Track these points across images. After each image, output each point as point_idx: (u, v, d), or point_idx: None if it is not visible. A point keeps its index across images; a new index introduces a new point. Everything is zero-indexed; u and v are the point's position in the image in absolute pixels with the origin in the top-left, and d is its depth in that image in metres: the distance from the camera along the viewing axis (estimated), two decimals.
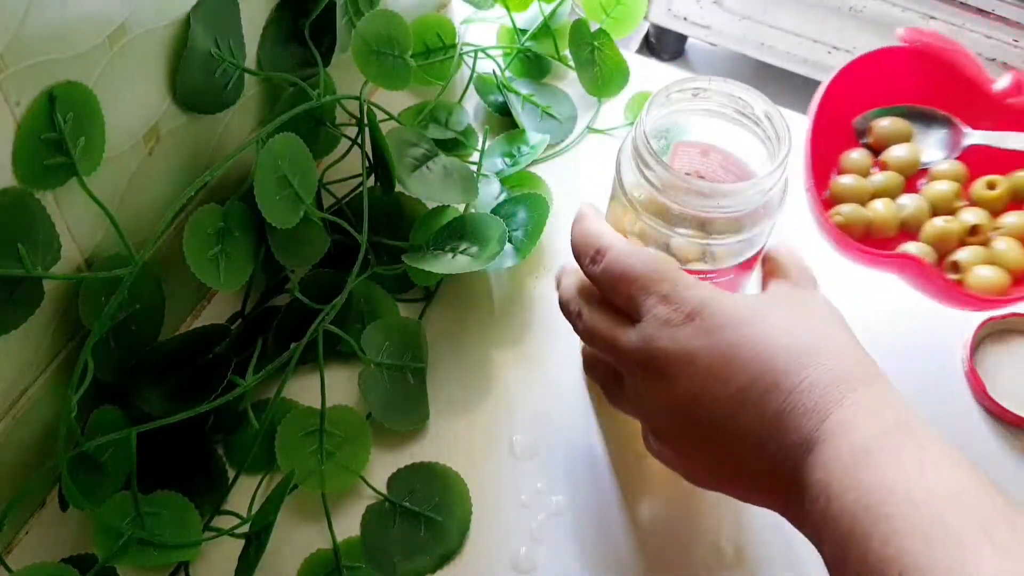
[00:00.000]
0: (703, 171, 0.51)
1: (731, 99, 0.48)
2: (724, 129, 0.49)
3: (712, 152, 0.50)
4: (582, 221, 0.50)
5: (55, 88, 0.45)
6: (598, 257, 0.48)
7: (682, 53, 1.79)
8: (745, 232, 0.47)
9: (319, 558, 0.54)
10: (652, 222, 0.48)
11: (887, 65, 0.61)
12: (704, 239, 0.47)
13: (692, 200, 0.46)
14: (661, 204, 0.47)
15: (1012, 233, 0.57)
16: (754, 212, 0.47)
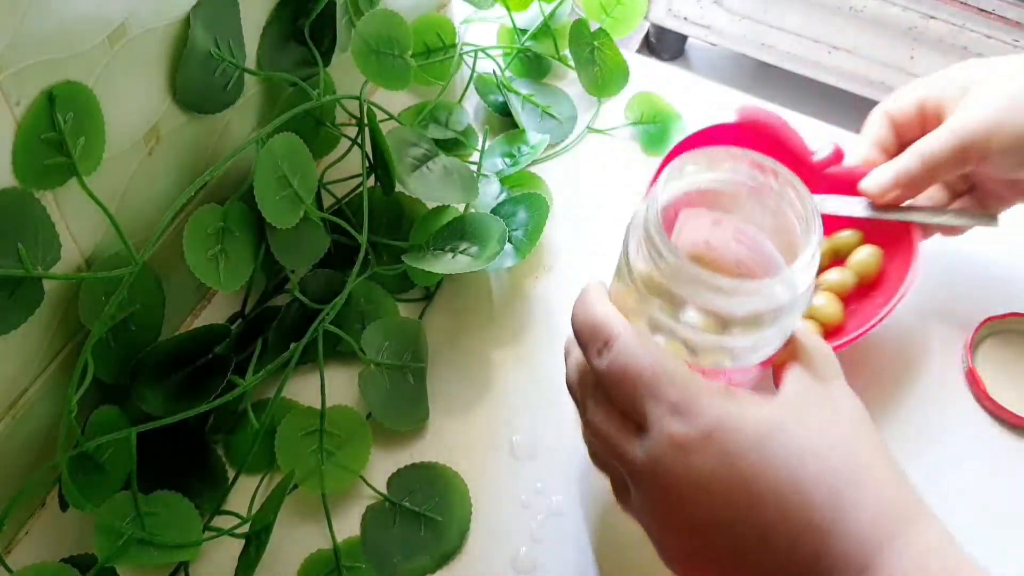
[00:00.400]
0: (713, 241, 0.46)
1: (751, 171, 0.44)
2: (739, 200, 0.45)
3: (724, 221, 0.46)
4: (586, 301, 0.45)
5: (55, 88, 0.45)
6: (603, 349, 0.42)
7: (682, 53, 1.79)
8: (768, 328, 0.42)
9: (319, 558, 0.54)
10: (661, 313, 0.42)
11: (723, 139, 0.65)
12: (721, 334, 0.42)
13: (710, 296, 0.41)
14: (672, 294, 0.42)
15: (831, 289, 0.61)
16: (781, 307, 0.41)
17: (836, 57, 1.48)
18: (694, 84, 0.79)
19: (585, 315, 0.44)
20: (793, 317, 0.42)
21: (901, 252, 0.60)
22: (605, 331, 0.42)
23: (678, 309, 0.42)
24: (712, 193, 0.45)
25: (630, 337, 0.42)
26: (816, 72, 1.51)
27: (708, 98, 0.78)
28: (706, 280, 0.40)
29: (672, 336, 0.43)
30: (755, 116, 0.64)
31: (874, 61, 1.45)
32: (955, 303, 0.65)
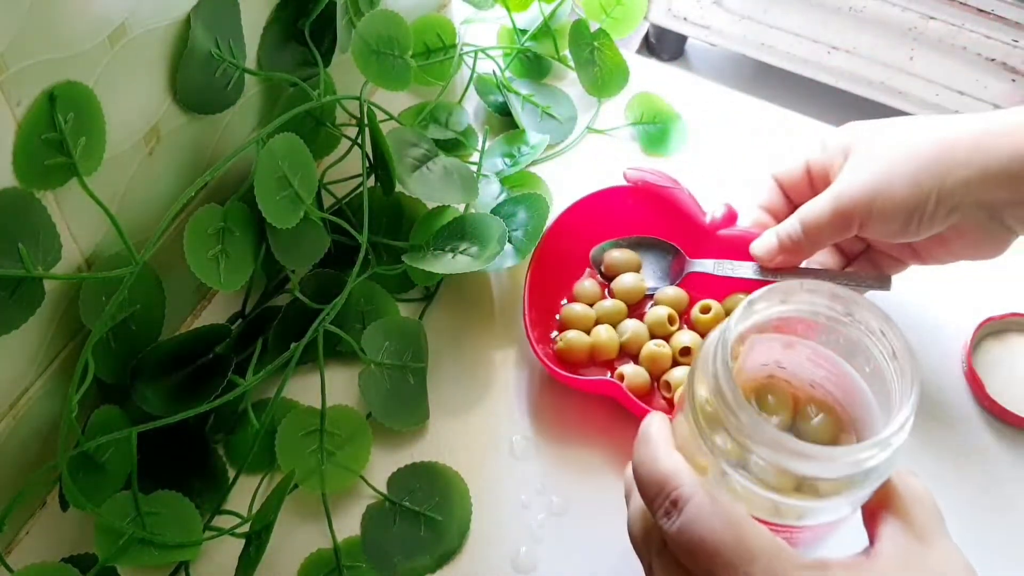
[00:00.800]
0: (785, 362, 0.44)
1: (832, 304, 0.41)
2: (814, 328, 0.42)
3: (798, 345, 0.43)
4: (648, 448, 0.41)
5: (55, 88, 0.45)
6: (671, 510, 0.38)
7: (682, 53, 1.79)
8: (858, 490, 0.38)
9: (319, 558, 0.54)
10: (734, 468, 0.38)
11: (616, 201, 0.66)
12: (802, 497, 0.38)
13: (790, 461, 0.37)
14: (743, 453, 0.38)
15: None
16: (872, 469, 0.37)
17: (836, 57, 1.48)
18: (694, 84, 0.79)
19: (648, 466, 0.40)
20: (887, 473, 0.39)
21: None
22: (672, 489, 0.39)
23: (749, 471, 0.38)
24: (783, 321, 0.42)
25: (703, 500, 0.38)
26: (816, 72, 1.51)
27: (708, 98, 0.78)
28: (788, 445, 0.36)
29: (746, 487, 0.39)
30: (645, 179, 0.65)
31: (874, 61, 1.45)
32: (955, 303, 0.65)
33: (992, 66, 1.38)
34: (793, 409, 0.44)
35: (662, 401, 0.60)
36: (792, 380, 0.44)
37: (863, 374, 0.41)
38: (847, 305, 0.40)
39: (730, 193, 0.67)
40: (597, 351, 0.61)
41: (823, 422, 0.43)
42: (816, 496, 0.38)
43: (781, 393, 0.44)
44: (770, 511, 0.39)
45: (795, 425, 0.43)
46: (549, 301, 0.64)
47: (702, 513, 0.37)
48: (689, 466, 0.40)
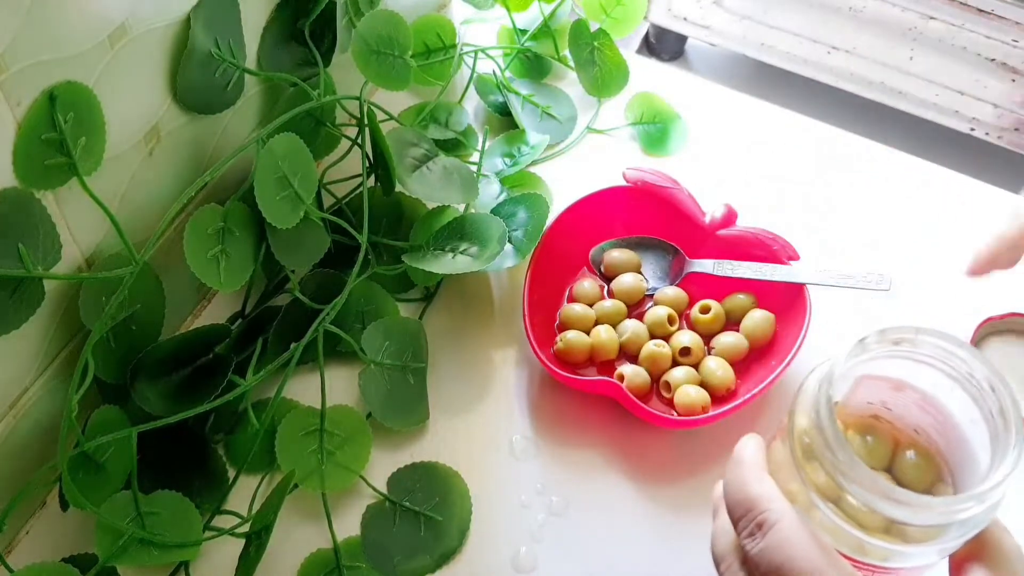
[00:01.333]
0: (891, 404, 0.43)
1: (944, 354, 0.40)
2: (927, 374, 0.41)
3: (907, 389, 0.42)
4: (740, 470, 0.41)
5: (55, 88, 0.45)
6: (756, 531, 0.39)
7: (682, 53, 1.79)
8: (945, 541, 0.38)
9: (319, 557, 0.54)
10: (826, 505, 0.39)
11: (616, 201, 0.66)
12: (893, 540, 0.38)
13: (884, 505, 0.37)
14: (836, 489, 0.38)
15: (722, 353, 0.61)
16: (967, 520, 0.37)
17: (836, 57, 1.48)
18: (694, 84, 0.79)
19: (740, 487, 0.40)
20: (980, 526, 0.38)
21: (794, 316, 0.60)
22: (761, 512, 0.39)
23: (845, 512, 0.38)
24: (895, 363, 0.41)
25: (790, 525, 0.38)
26: (816, 72, 1.51)
27: (708, 98, 0.78)
28: (883, 489, 0.36)
29: (834, 522, 0.39)
30: (645, 179, 0.65)
31: (874, 61, 1.45)
32: (955, 303, 0.65)
33: (992, 66, 1.38)
34: (893, 451, 0.44)
35: (661, 402, 0.60)
36: (896, 422, 0.44)
37: (968, 424, 0.41)
38: (960, 355, 0.40)
39: (730, 193, 0.67)
40: (597, 351, 0.61)
41: (922, 468, 0.43)
42: (904, 540, 0.38)
43: (883, 434, 0.44)
44: (856, 548, 0.39)
45: (893, 467, 0.43)
46: (549, 301, 0.64)
47: (788, 538, 0.38)
48: (780, 492, 0.40)
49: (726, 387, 0.59)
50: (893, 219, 0.70)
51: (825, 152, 0.74)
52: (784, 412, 0.61)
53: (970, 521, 0.37)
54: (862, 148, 0.75)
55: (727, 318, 0.63)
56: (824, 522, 0.39)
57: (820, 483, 0.39)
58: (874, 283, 0.59)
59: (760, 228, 0.63)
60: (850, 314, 0.64)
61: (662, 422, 0.58)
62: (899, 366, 0.41)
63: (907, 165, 0.74)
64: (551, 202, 0.65)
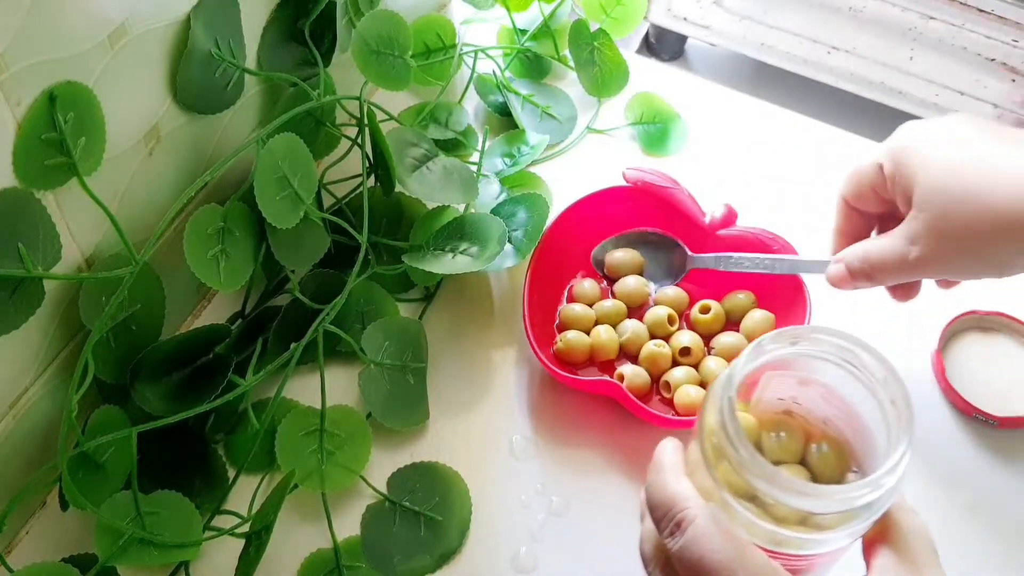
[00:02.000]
0: (800, 399, 0.45)
1: (839, 349, 0.42)
2: (826, 369, 0.43)
3: (812, 383, 0.44)
4: (659, 473, 0.43)
5: (55, 88, 0.45)
6: (676, 530, 0.40)
7: (682, 53, 1.79)
8: (853, 525, 0.40)
9: (319, 558, 0.54)
10: (738, 501, 0.40)
11: (616, 201, 0.66)
12: (800, 529, 0.40)
13: (787, 497, 0.39)
14: (745, 485, 0.40)
15: (722, 353, 0.61)
16: (867, 505, 0.39)
17: (836, 57, 1.48)
18: (694, 84, 0.79)
19: (658, 489, 0.42)
20: (882, 509, 0.40)
21: (793, 316, 0.61)
22: (678, 511, 0.41)
23: (754, 504, 0.40)
24: (795, 361, 0.44)
25: (705, 522, 0.40)
26: (816, 72, 1.51)
27: (708, 98, 0.78)
28: (784, 482, 0.38)
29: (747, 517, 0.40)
30: (645, 179, 0.65)
31: (874, 61, 1.45)
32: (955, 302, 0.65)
33: (992, 66, 1.38)
34: (806, 444, 0.45)
35: (661, 402, 0.60)
36: (807, 416, 0.45)
37: (868, 414, 0.43)
38: (853, 350, 0.42)
39: (730, 193, 0.67)
40: (597, 351, 0.61)
41: (831, 459, 0.45)
42: (816, 529, 0.40)
43: (795, 428, 0.45)
44: (770, 540, 0.40)
45: (806, 460, 0.45)
46: (549, 301, 0.64)
47: (703, 534, 0.40)
48: (695, 491, 0.42)
49: None
50: None
51: (825, 152, 0.74)
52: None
53: (872, 505, 0.39)
54: (862, 148, 0.75)
55: (727, 318, 0.63)
56: (738, 517, 0.40)
57: (732, 480, 0.40)
58: None
59: (760, 228, 0.63)
60: (850, 314, 0.64)
61: (662, 422, 0.58)
62: (802, 363, 0.44)
63: None
64: (551, 202, 0.65)
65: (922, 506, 0.56)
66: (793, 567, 0.41)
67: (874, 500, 0.39)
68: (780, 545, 0.41)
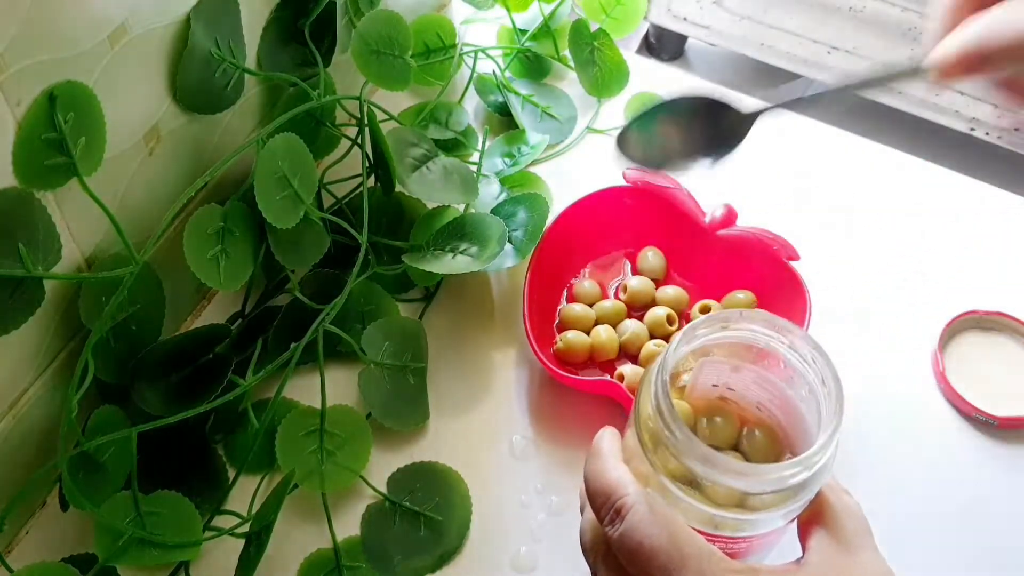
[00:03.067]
0: (732, 384, 0.46)
1: (768, 333, 0.43)
2: (756, 355, 0.44)
3: (744, 369, 0.45)
4: (597, 461, 0.43)
5: (55, 88, 0.45)
6: (615, 518, 0.41)
7: (682, 53, 1.79)
8: (788, 504, 0.41)
9: (319, 557, 0.54)
10: (674, 484, 0.41)
11: (616, 201, 0.66)
12: (737, 510, 0.41)
13: (722, 477, 0.40)
14: (681, 468, 0.40)
15: None
16: (799, 484, 0.40)
17: (836, 57, 1.48)
18: (694, 84, 0.79)
19: (596, 478, 0.42)
20: (815, 488, 0.41)
21: (793, 316, 0.60)
22: (617, 498, 0.41)
23: (691, 486, 0.41)
24: (728, 346, 0.44)
25: (643, 508, 0.40)
26: (816, 72, 1.51)
27: None
28: (718, 462, 0.39)
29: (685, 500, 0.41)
30: (645, 179, 0.65)
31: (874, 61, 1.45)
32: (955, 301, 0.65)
33: None
34: (739, 429, 0.46)
35: None
36: (740, 401, 0.46)
37: (801, 397, 0.44)
38: (783, 333, 0.43)
39: (730, 193, 0.67)
40: (597, 351, 0.61)
41: (765, 442, 0.46)
42: (751, 510, 0.41)
43: (729, 414, 0.46)
44: (708, 523, 0.41)
45: (740, 446, 0.46)
46: (549, 301, 0.64)
47: (642, 520, 0.40)
48: (633, 478, 0.42)
49: None
50: (893, 219, 0.70)
51: (825, 152, 0.74)
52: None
53: (804, 485, 0.40)
54: (862, 148, 0.75)
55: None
56: (677, 502, 0.41)
57: (669, 465, 0.41)
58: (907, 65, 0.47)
59: (760, 228, 0.63)
60: (850, 314, 0.64)
61: None
62: (733, 349, 0.44)
63: (907, 165, 0.74)
64: (551, 202, 0.65)
65: (921, 505, 0.57)
66: (731, 550, 0.42)
67: (806, 479, 0.39)
68: (718, 528, 0.41)
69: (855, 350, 0.63)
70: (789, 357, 0.43)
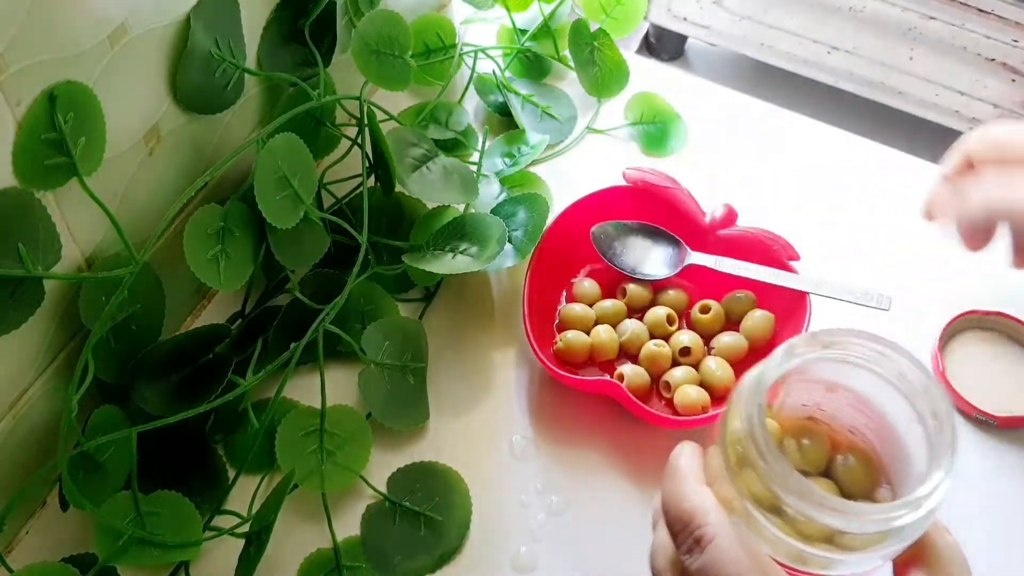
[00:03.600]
0: (825, 405, 0.43)
1: (876, 356, 0.39)
2: (859, 376, 0.40)
3: (840, 390, 0.42)
4: (676, 482, 0.40)
5: (55, 88, 0.45)
6: (695, 547, 0.38)
7: (682, 53, 1.79)
8: (887, 547, 0.37)
9: (319, 557, 0.54)
10: (761, 513, 0.37)
11: (615, 201, 0.66)
12: (829, 548, 0.37)
13: (819, 514, 0.36)
14: (771, 498, 0.37)
15: (722, 353, 0.61)
16: (902, 528, 0.36)
17: (836, 57, 1.48)
18: (694, 84, 0.79)
19: (676, 502, 0.39)
20: (921, 531, 0.37)
21: (794, 316, 0.61)
22: (697, 527, 0.38)
23: (781, 518, 0.37)
24: (826, 366, 0.41)
25: (726, 542, 0.37)
26: (816, 72, 1.51)
27: (708, 98, 0.78)
28: (815, 497, 0.35)
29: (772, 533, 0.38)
30: (645, 179, 0.65)
31: (874, 61, 1.45)
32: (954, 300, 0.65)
33: (992, 66, 1.38)
34: (830, 453, 0.43)
35: (661, 402, 0.60)
36: (832, 424, 0.43)
37: (904, 425, 0.40)
38: (892, 357, 0.39)
39: (730, 193, 0.67)
40: (597, 351, 0.61)
41: (861, 469, 0.42)
42: (845, 549, 0.37)
43: (819, 436, 0.43)
44: (795, 558, 0.38)
45: (831, 470, 0.43)
46: (549, 301, 0.64)
47: (724, 555, 0.37)
48: (717, 503, 0.39)
49: (726, 387, 0.59)
50: (893, 219, 0.70)
51: (825, 152, 0.74)
52: None
53: (908, 528, 0.36)
54: (862, 148, 0.75)
55: (727, 318, 0.63)
56: (763, 532, 0.38)
57: (756, 492, 0.38)
58: (874, 302, 0.59)
59: (760, 228, 0.63)
60: (850, 314, 0.64)
61: (662, 422, 0.58)
62: (833, 369, 0.41)
63: (907, 165, 0.74)
64: (551, 202, 0.65)
65: None
66: None
67: (912, 522, 0.36)
68: (805, 564, 0.38)
69: None
70: (896, 383, 0.39)
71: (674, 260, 0.64)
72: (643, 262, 0.64)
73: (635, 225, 0.65)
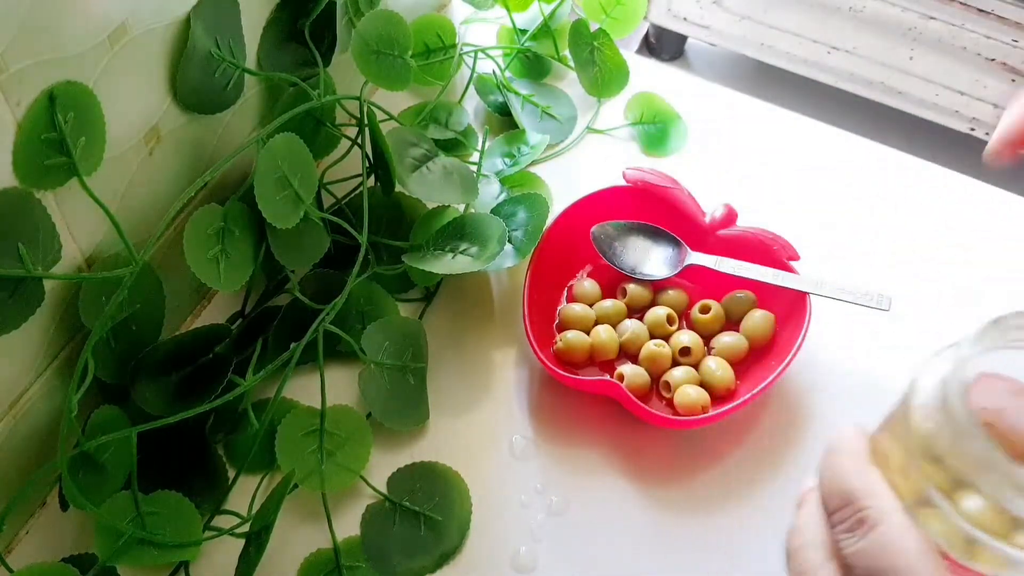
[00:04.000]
0: (1011, 411, 0.38)
1: None
2: None
3: None
4: (840, 458, 0.37)
5: (55, 88, 0.45)
6: (856, 528, 0.35)
7: (682, 53, 1.79)
8: None
9: (319, 558, 0.54)
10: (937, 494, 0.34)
11: (615, 201, 0.66)
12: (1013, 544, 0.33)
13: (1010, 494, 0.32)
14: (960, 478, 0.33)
15: (722, 353, 0.61)
16: None
17: (836, 57, 1.48)
18: (694, 84, 0.80)
19: (839, 477, 0.36)
20: None
21: (794, 316, 0.61)
22: (862, 507, 0.35)
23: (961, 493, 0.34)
24: None
25: (900, 527, 0.34)
26: (816, 72, 1.51)
27: (708, 98, 0.78)
28: (1012, 473, 0.32)
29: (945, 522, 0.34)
30: (645, 179, 0.65)
31: (874, 61, 1.45)
32: (954, 300, 0.65)
33: (992, 66, 1.38)
34: None
35: (661, 402, 0.60)
36: (1010, 434, 0.38)
37: None
38: None
39: (730, 193, 0.67)
40: (597, 351, 0.61)
41: None
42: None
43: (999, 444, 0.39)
44: (965, 552, 0.34)
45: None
46: (549, 301, 0.64)
47: (892, 543, 0.34)
48: (888, 486, 0.36)
49: (726, 387, 0.59)
50: (893, 219, 0.70)
51: (825, 152, 0.74)
52: (784, 412, 0.61)
53: None
54: (862, 148, 0.75)
55: (727, 318, 0.63)
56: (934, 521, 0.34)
57: (938, 477, 0.34)
58: (874, 302, 0.59)
59: (760, 228, 0.63)
60: (851, 314, 0.64)
61: (662, 422, 0.58)
62: None
63: (907, 165, 0.74)
64: (551, 202, 0.65)
65: None
66: None
67: None
68: (975, 559, 0.34)
69: (855, 350, 0.63)
70: None
71: (674, 260, 0.64)
72: (643, 262, 0.65)
73: (635, 225, 0.66)
